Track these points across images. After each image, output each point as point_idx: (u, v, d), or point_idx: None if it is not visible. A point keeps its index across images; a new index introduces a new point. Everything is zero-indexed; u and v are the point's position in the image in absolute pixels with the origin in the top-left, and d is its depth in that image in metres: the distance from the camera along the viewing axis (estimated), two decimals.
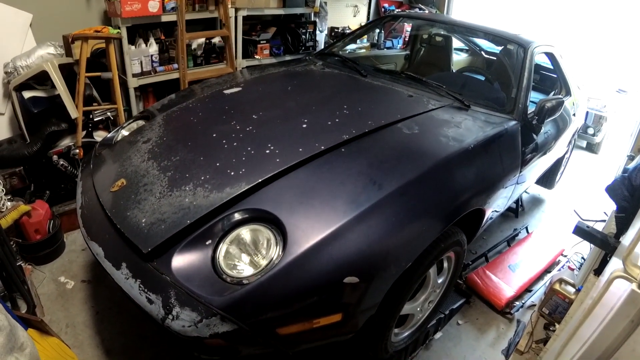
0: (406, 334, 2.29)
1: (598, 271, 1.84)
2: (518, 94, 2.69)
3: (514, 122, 2.54)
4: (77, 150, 3.16)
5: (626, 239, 1.60)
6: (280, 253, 1.55)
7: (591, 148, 6.00)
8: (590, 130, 5.73)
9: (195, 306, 1.44)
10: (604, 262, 1.87)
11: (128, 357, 2.25)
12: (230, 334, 1.44)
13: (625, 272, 0.96)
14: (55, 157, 3.12)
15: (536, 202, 4.37)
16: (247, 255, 1.59)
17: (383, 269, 1.64)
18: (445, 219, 1.90)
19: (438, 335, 2.57)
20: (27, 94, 3.08)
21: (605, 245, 1.79)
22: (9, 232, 2.61)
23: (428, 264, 1.95)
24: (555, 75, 3.89)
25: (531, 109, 2.71)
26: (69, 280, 2.71)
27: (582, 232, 1.87)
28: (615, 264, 1.58)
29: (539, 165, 3.04)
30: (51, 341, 2.16)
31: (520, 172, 2.56)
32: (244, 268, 1.56)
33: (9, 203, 2.67)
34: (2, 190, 2.62)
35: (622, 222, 1.83)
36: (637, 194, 1.77)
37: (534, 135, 2.69)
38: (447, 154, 2.05)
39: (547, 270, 3.26)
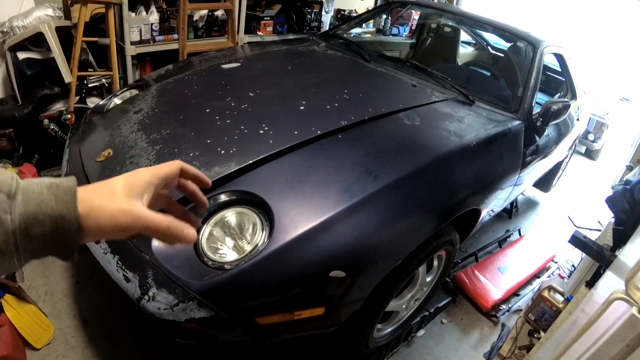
0: (389, 330, 2.25)
1: (590, 283, 1.80)
2: (524, 94, 2.61)
3: (518, 122, 2.47)
4: (69, 116, 3.08)
5: (625, 255, 1.55)
6: (265, 240, 1.48)
7: (590, 154, 5.98)
8: (591, 136, 5.70)
9: (172, 289, 1.38)
10: (597, 275, 1.83)
11: (105, 330, 2.19)
12: (207, 320, 1.38)
13: (627, 294, 0.91)
14: (46, 121, 3.06)
15: (531, 204, 4.34)
16: (231, 239, 1.52)
17: (371, 265, 1.59)
18: (441, 217, 1.84)
19: (421, 332, 2.53)
20: (21, 55, 3.01)
21: (601, 257, 1.74)
22: None
23: (418, 262, 1.89)
24: (561, 78, 3.82)
25: (536, 109, 2.64)
26: None
27: (578, 242, 1.82)
28: (610, 279, 1.53)
29: (538, 169, 2.99)
30: (28, 308, 2.11)
31: (520, 174, 2.50)
32: (227, 252, 1.49)
33: None
34: None
35: (620, 235, 1.78)
36: (638, 208, 1.72)
37: (537, 137, 2.63)
38: (448, 149, 1.98)
39: (537, 276, 3.23)
